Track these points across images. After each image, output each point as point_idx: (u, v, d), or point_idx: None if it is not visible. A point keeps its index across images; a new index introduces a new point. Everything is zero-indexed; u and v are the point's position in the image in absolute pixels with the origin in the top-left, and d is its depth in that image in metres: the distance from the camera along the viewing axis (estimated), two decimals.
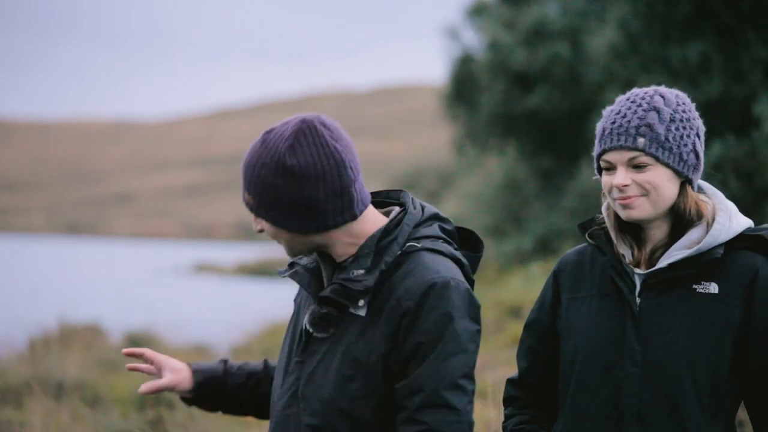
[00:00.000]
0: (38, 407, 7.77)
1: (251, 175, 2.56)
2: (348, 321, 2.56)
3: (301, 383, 2.59)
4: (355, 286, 2.53)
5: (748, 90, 13.84)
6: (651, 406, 2.65)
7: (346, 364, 2.53)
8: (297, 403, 2.58)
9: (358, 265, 2.56)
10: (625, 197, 2.67)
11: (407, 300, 2.51)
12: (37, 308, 14.85)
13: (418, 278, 2.53)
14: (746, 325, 2.65)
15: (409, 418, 2.48)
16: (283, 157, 2.52)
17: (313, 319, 2.57)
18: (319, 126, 2.56)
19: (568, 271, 2.82)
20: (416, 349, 2.49)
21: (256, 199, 2.56)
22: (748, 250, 2.68)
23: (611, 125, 2.69)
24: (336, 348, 2.56)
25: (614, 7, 17.10)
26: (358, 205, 2.57)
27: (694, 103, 2.77)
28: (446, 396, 2.48)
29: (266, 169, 2.54)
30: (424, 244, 2.59)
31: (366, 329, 2.54)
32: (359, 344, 2.53)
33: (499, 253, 22.54)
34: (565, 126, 24.31)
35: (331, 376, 2.55)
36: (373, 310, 2.54)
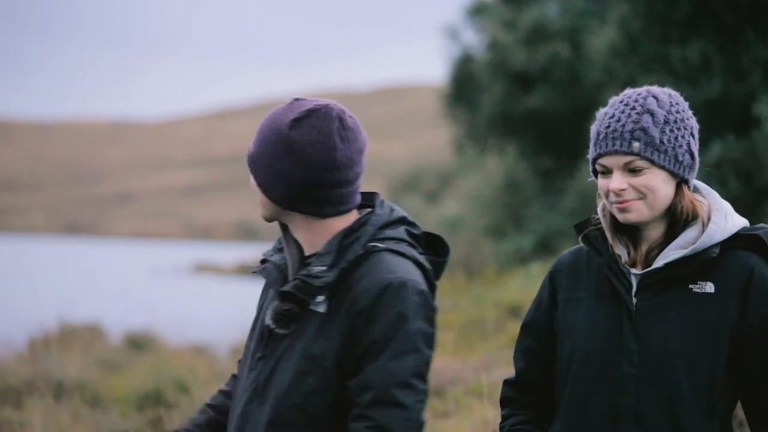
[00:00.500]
0: (38, 407, 7.77)
1: (260, 128, 2.63)
2: (308, 317, 2.59)
3: (261, 379, 2.62)
4: (314, 281, 2.56)
5: (748, 90, 13.84)
6: (648, 406, 2.65)
7: (303, 359, 2.57)
8: (257, 398, 2.62)
9: (320, 261, 2.59)
10: (621, 201, 2.67)
11: (363, 298, 2.54)
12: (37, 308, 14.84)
13: (375, 277, 2.55)
14: (742, 324, 2.65)
15: (359, 415, 2.52)
16: (286, 125, 2.59)
17: (274, 315, 2.60)
18: (334, 117, 2.60)
19: (565, 271, 2.82)
20: (370, 347, 2.53)
21: (254, 151, 2.64)
22: (743, 250, 2.69)
23: (605, 129, 2.68)
24: (295, 344, 2.59)
25: (614, 7, 17.10)
26: (331, 207, 2.61)
27: (688, 102, 2.77)
28: (396, 394, 2.51)
29: (270, 129, 2.61)
30: (387, 245, 2.61)
31: (324, 326, 2.57)
32: (317, 340, 2.57)
33: (499, 253, 22.53)
34: (565, 126, 24.32)
35: (288, 372, 2.58)
36: (332, 307, 2.57)
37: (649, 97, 2.69)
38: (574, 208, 20.97)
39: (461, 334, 11.55)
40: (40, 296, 20.30)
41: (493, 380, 6.11)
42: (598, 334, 2.71)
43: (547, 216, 23.08)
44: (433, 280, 2.66)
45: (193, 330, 13.94)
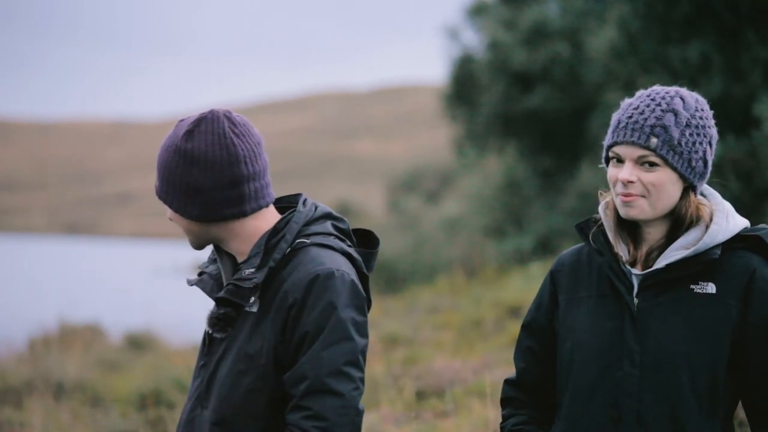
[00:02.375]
0: (38, 407, 7.77)
1: (158, 157, 2.66)
2: (242, 319, 2.64)
3: (203, 385, 2.67)
4: (244, 284, 2.60)
5: (748, 90, 13.82)
6: (649, 407, 2.65)
7: (239, 359, 2.61)
8: (200, 404, 2.67)
9: (249, 264, 2.63)
10: (627, 194, 2.67)
11: (293, 292, 2.59)
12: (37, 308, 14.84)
13: (303, 271, 2.60)
14: (744, 324, 2.65)
15: (295, 406, 2.56)
16: (180, 140, 2.62)
17: (210, 320, 2.65)
18: (222, 118, 2.64)
19: (565, 271, 2.82)
20: (302, 339, 2.57)
21: (160, 183, 2.66)
22: (745, 251, 2.69)
23: (627, 119, 2.68)
24: (231, 346, 2.64)
25: (614, 7, 17.09)
26: (250, 202, 2.64)
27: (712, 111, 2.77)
28: (330, 382, 2.55)
29: (167, 151, 2.64)
30: (314, 240, 2.66)
31: (257, 325, 2.61)
32: (251, 339, 2.61)
33: (498, 253, 22.52)
34: (565, 126, 24.31)
35: (227, 374, 2.62)
36: (264, 305, 2.61)
37: (676, 97, 2.69)
38: (574, 208, 20.96)
39: (461, 334, 11.54)
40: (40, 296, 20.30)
41: (493, 380, 6.10)
42: (599, 334, 2.71)
43: (547, 216, 23.07)
44: (364, 270, 2.70)
45: (193, 330, 13.92)
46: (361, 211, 35.53)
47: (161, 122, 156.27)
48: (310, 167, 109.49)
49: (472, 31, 27.19)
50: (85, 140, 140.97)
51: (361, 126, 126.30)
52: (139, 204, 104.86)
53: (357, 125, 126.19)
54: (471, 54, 27.05)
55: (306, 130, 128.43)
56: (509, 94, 24.81)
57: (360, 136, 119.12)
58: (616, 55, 16.44)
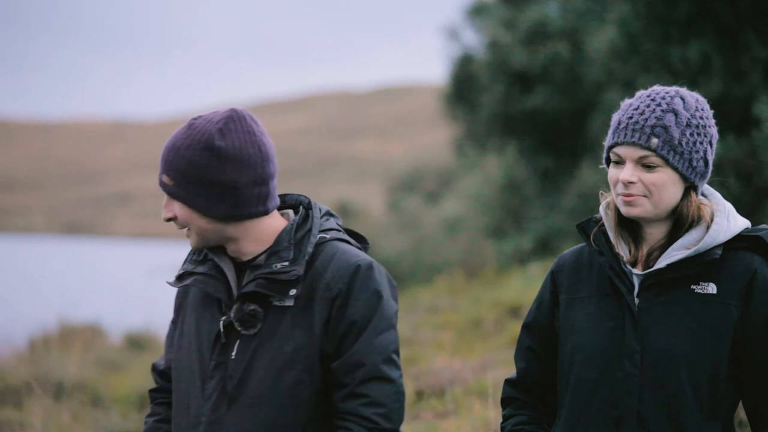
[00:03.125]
0: (38, 407, 7.77)
1: (174, 156, 2.61)
2: (275, 314, 2.63)
3: (231, 383, 2.63)
4: (283, 277, 2.60)
5: (748, 90, 13.82)
6: (650, 407, 2.65)
7: (280, 355, 2.61)
8: (225, 404, 2.64)
9: (279, 258, 2.63)
10: (628, 194, 2.67)
11: (337, 283, 2.61)
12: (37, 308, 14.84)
13: (342, 263, 2.63)
14: (744, 325, 2.65)
15: (351, 393, 2.59)
16: (212, 138, 2.59)
17: (242, 316, 2.63)
18: (248, 117, 2.65)
19: (566, 271, 2.82)
20: (350, 327, 2.60)
21: (175, 182, 2.63)
22: (746, 251, 2.69)
23: (627, 119, 2.68)
24: (267, 343, 2.62)
25: (614, 7, 17.09)
26: (272, 200, 2.67)
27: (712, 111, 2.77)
28: (384, 369, 2.60)
29: (192, 149, 2.60)
30: (333, 235, 2.70)
31: (297, 319, 2.61)
32: (293, 334, 2.61)
33: (498, 253, 22.52)
34: (565, 126, 24.31)
35: (266, 370, 2.61)
36: (301, 299, 2.62)
37: (676, 97, 2.69)
38: (574, 208, 20.95)
39: (461, 335, 11.54)
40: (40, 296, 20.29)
41: (494, 380, 6.09)
42: (600, 334, 2.70)
43: (547, 216, 23.07)
44: None
45: None
46: (361, 211, 35.52)
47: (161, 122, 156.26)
48: (310, 167, 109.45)
49: (472, 31, 27.19)
50: (85, 140, 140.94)
51: (361, 126, 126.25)
52: (139, 204, 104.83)
53: (357, 125, 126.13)
54: (471, 54, 27.05)
55: (306, 130, 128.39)
56: (509, 94, 24.81)
57: (360, 136, 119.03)
58: (616, 55, 16.44)
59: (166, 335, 2.91)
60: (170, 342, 2.88)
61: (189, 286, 2.76)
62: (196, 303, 2.76)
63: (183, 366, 2.75)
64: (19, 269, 36.97)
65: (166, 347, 2.90)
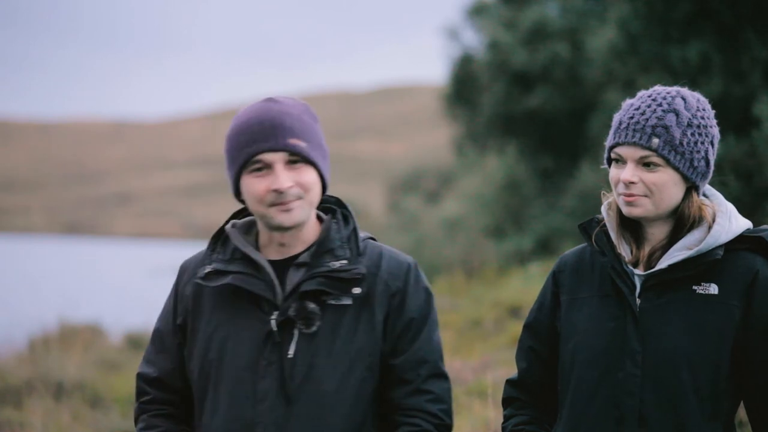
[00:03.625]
0: (38, 407, 7.77)
1: (297, 121, 2.60)
2: (333, 312, 2.61)
3: (292, 384, 2.59)
4: (344, 275, 2.60)
5: (748, 90, 13.82)
6: (651, 407, 2.64)
7: (347, 354, 2.60)
8: (285, 405, 2.59)
9: (334, 257, 2.63)
10: (629, 194, 2.67)
11: (394, 281, 2.63)
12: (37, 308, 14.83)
13: (394, 261, 2.66)
14: (746, 325, 2.64)
15: (417, 389, 2.62)
16: (312, 111, 2.66)
17: (307, 315, 2.60)
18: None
19: (568, 272, 2.81)
20: (408, 325, 2.63)
21: (309, 145, 2.60)
22: (747, 252, 2.68)
23: (628, 120, 2.68)
24: (329, 342, 2.60)
25: (614, 7, 17.08)
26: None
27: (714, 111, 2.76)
28: (441, 366, 2.67)
29: (308, 116, 2.62)
30: (365, 235, 2.73)
31: (359, 316, 2.61)
32: (356, 332, 2.61)
33: (498, 253, 22.51)
34: (565, 126, 24.31)
35: (333, 370, 2.59)
36: (359, 297, 2.61)
37: (677, 97, 2.69)
38: (574, 208, 20.95)
39: (461, 335, 11.54)
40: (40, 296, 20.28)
41: (494, 380, 6.09)
42: (601, 334, 2.70)
43: (547, 216, 23.06)
44: None
45: None
46: (362, 211, 35.51)
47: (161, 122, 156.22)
48: None
49: (472, 31, 27.19)
50: (85, 140, 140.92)
51: (361, 126, 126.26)
52: (139, 204, 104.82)
53: (357, 125, 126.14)
54: (471, 54, 27.05)
55: None
56: (509, 94, 24.81)
57: (360, 136, 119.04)
58: (616, 55, 16.44)
59: (153, 342, 2.79)
60: (168, 347, 2.75)
61: (202, 287, 2.69)
62: (221, 303, 2.67)
63: (221, 368, 2.64)
64: (19, 269, 36.95)
65: (156, 353, 2.77)
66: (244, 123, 2.61)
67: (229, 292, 2.66)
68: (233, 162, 2.63)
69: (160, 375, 2.75)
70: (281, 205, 2.58)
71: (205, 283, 2.66)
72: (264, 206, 2.60)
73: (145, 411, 2.76)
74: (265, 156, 2.58)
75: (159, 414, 2.75)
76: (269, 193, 2.58)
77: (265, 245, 2.70)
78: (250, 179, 2.60)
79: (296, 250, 2.66)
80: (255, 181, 2.60)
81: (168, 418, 2.76)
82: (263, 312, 2.63)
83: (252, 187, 2.60)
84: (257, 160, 2.58)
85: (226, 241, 2.72)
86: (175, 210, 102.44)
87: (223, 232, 2.74)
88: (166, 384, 2.75)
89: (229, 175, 2.66)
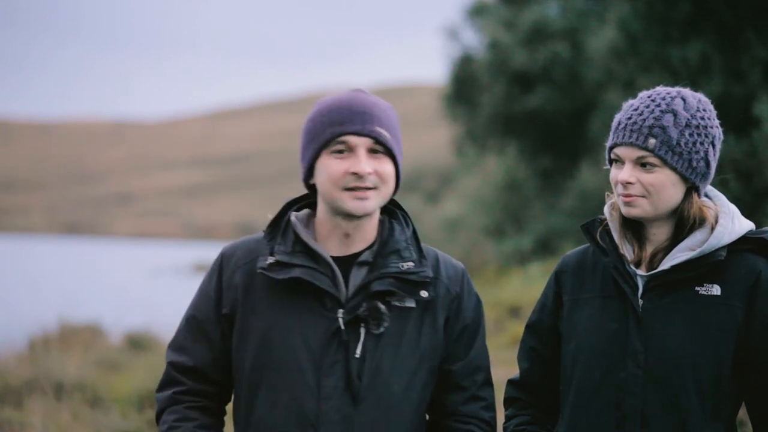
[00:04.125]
0: (38, 407, 7.76)
1: (382, 113, 2.59)
2: (398, 314, 2.59)
3: (359, 383, 2.56)
4: (413, 278, 2.58)
5: (748, 90, 13.82)
6: (653, 407, 2.64)
7: (413, 357, 2.58)
8: (352, 404, 2.55)
9: (401, 258, 2.60)
10: (626, 194, 2.67)
11: (454, 286, 2.64)
12: (37, 308, 14.82)
13: (451, 266, 2.67)
14: (748, 326, 2.64)
15: (473, 396, 2.64)
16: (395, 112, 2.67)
17: (378, 314, 2.56)
18: None
19: (570, 272, 2.81)
20: (463, 330, 2.64)
21: (393, 138, 2.60)
22: (750, 253, 2.68)
23: (627, 120, 2.68)
24: (395, 344, 2.58)
25: (614, 7, 17.09)
26: None
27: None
28: (491, 374, 2.71)
29: (392, 113, 2.63)
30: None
31: (423, 320, 2.60)
32: (421, 336, 2.60)
33: (498, 253, 22.52)
34: (565, 126, 24.32)
35: (400, 372, 2.58)
36: (422, 300, 2.60)
37: (677, 98, 2.68)
38: (574, 208, 20.96)
39: None
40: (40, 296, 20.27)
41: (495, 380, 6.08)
42: (603, 335, 2.70)
43: (547, 216, 23.07)
44: None
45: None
46: None
47: (161, 122, 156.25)
48: None
49: (472, 31, 27.21)
50: (85, 140, 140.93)
51: None
52: (139, 204, 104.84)
53: None
54: (471, 54, 27.06)
55: None
56: (509, 94, 24.82)
57: None
58: (616, 55, 16.45)
59: (189, 330, 2.68)
60: (208, 336, 2.65)
61: (252, 276, 2.61)
62: (281, 295, 2.60)
63: (281, 362, 2.58)
64: (19, 269, 36.93)
65: (193, 342, 2.67)
66: (333, 104, 2.59)
67: (290, 286, 2.58)
68: (314, 140, 2.58)
69: (197, 364, 2.65)
70: (357, 191, 2.55)
71: (271, 274, 2.57)
72: (338, 189, 2.55)
73: (179, 402, 2.65)
74: (349, 138, 2.55)
75: (194, 406, 2.65)
76: (347, 175, 2.54)
77: (324, 239, 2.63)
78: (329, 159, 2.56)
79: (358, 246, 2.62)
80: (335, 161, 2.55)
81: (204, 411, 2.66)
82: (326, 309, 2.58)
83: (331, 168, 2.55)
84: (342, 141, 2.55)
85: (285, 231, 2.64)
86: (175, 210, 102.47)
87: (280, 222, 2.66)
88: (204, 374, 2.65)
89: (305, 155, 2.61)
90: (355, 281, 2.59)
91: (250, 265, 2.63)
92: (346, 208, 2.56)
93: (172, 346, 2.71)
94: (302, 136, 2.62)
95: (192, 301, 2.71)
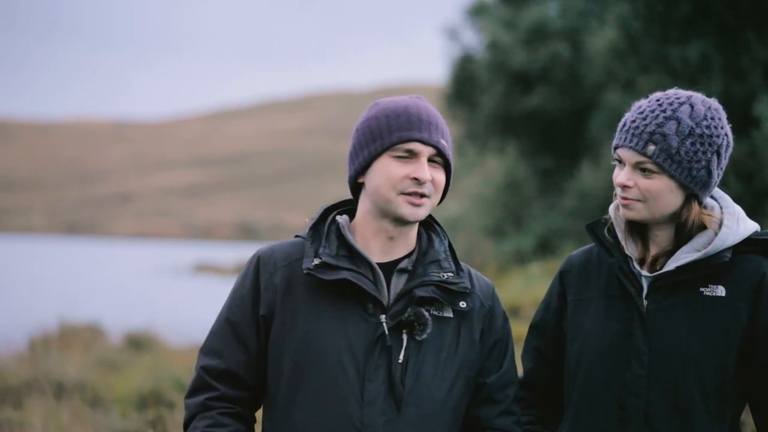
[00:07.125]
0: (38, 407, 7.76)
1: (444, 126, 2.64)
2: (437, 323, 2.60)
3: (403, 390, 2.55)
4: (454, 287, 2.61)
5: (748, 90, 13.83)
6: (657, 407, 2.64)
7: (451, 366, 2.60)
8: (396, 410, 2.55)
9: (440, 268, 2.62)
10: (624, 197, 2.67)
11: (487, 300, 2.67)
12: (37, 308, 14.84)
13: (482, 280, 2.71)
14: (752, 327, 2.64)
15: (505, 411, 2.66)
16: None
17: (422, 320, 2.57)
18: None
19: (575, 272, 2.81)
20: (495, 344, 2.66)
21: (450, 150, 2.64)
22: (755, 254, 2.68)
23: (630, 123, 2.67)
24: (434, 352, 2.59)
25: (614, 7, 17.09)
26: None
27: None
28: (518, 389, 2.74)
29: (446, 125, 2.66)
30: None
31: (459, 330, 2.62)
32: (459, 346, 2.62)
33: (498, 253, 22.52)
34: (565, 126, 24.31)
35: (440, 380, 2.59)
36: (459, 311, 2.63)
37: (685, 104, 2.65)
38: (574, 208, 20.95)
39: None
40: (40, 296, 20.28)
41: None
42: (608, 335, 2.70)
43: (547, 216, 23.07)
44: None
45: (193, 330, 13.95)
46: None
47: (161, 122, 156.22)
48: (310, 167, 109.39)
49: (472, 31, 27.19)
50: (85, 140, 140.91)
51: None
52: (139, 204, 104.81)
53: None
54: (471, 54, 27.05)
55: (306, 130, 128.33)
56: (509, 94, 24.82)
57: None
58: (616, 55, 16.45)
59: (221, 333, 2.64)
60: (243, 338, 2.62)
61: (293, 278, 2.59)
62: (323, 297, 2.59)
63: (322, 365, 2.55)
64: (19, 269, 36.92)
65: (225, 344, 2.63)
66: (399, 108, 2.61)
67: (333, 288, 2.57)
68: (377, 140, 2.59)
69: (231, 367, 2.61)
70: (414, 196, 2.57)
71: (319, 275, 2.55)
72: (395, 192, 2.57)
73: (211, 408, 2.60)
74: (416, 145, 2.57)
75: (227, 412, 2.60)
76: (407, 179, 2.56)
77: (366, 244, 2.63)
78: (390, 162, 2.58)
79: (399, 252, 2.63)
80: (396, 165, 2.57)
81: (238, 418, 2.62)
82: (368, 313, 2.57)
83: (391, 171, 2.57)
84: (409, 147, 2.57)
85: (328, 235, 2.63)
86: (175, 210, 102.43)
87: (321, 226, 2.66)
88: (238, 379, 2.62)
89: (362, 153, 2.62)
90: (397, 287, 2.61)
91: (290, 267, 2.62)
92: (400, 212, 2.58)
93: (204, 350, 2.66)
94: (359, 134, 2.63)
95: (225, 304, 2.68)
